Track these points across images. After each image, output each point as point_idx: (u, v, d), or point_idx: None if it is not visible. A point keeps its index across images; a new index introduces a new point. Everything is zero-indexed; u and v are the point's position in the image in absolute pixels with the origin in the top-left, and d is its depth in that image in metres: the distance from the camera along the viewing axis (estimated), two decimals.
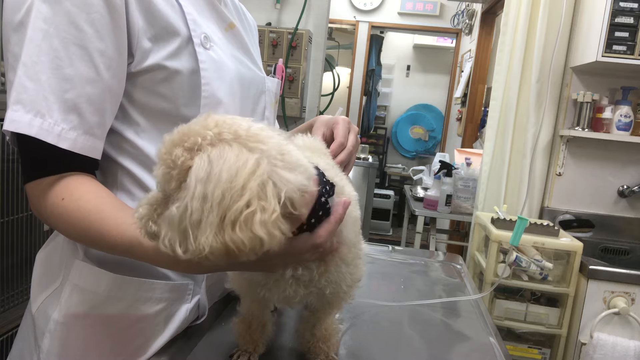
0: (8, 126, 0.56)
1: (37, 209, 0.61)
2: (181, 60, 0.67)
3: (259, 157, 0.45)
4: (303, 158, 0.50)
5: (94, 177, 0.64)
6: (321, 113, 2.70)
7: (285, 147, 0.48)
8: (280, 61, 1.05)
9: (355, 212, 0.61)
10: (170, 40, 0.66)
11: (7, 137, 0.61)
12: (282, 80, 0.93)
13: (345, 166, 0.76)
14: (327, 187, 0.52)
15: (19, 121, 0.56)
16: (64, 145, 0.58)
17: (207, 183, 0.43)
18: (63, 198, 0.59)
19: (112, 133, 0.67)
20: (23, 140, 0.58)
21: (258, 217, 0.43)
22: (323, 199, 0.51)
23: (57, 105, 0.57)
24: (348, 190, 0.61)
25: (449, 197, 2.55)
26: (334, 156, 0.75)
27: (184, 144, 0.45)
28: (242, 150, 0.45)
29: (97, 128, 0.61)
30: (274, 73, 0.94)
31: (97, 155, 0.63)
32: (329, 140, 0.79)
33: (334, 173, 0.61)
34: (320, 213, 0.51)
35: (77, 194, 0.59)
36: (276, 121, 0.96)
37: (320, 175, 0.52)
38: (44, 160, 0.60)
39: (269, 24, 2.50)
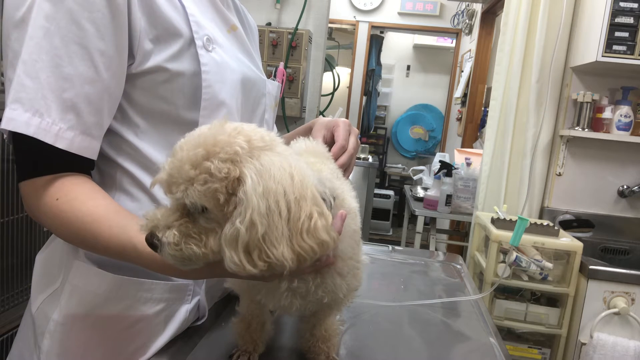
0: (6, 125, 0.56)
1: (31, 208, 0.61)
2: (183, 63, 0.66)
3: (296, 165, 0.46)
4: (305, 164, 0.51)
5: (89, 178, 0.64)
6: (321, 113, 2.70)
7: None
8: (282, 65, 1.05)
9: (353, 225, 0.61)
10: (172, 42, 0.65)
11: (5, 135, 0.60)
12: (282, 84, 0.93)
13: (345, 169, 0.76)
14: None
15: (16, 120, 0.56)
16: (60, 145, 0.58)
17: (267, 197, 0.44)
18: (57, 198, 0.59)
19: (112, 134, 0.67)
20: (19, 138, 0.58)
21: (319, 223, 0.45)
22: None
23: (55, 104, 0.57)
24: (348, 202, 0.60)
25: (449, 197, 2.55)
26: (335, 159, 0.75)
27: (217, 155, 0.45)
28: (279, 159, 0.46)
29: (95, 128, 0.61)
30: (275, 76, 0.94)
31: (94, 156, 0.63)
32: (329, 142, 0.79)
33: (337, 184, 0.61)
34: None
35: (72, 194, 0.59)
36: (274, 124, 0.96)
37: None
38: (40, 159, 0.59)
39: (269, 24, 2.50)
